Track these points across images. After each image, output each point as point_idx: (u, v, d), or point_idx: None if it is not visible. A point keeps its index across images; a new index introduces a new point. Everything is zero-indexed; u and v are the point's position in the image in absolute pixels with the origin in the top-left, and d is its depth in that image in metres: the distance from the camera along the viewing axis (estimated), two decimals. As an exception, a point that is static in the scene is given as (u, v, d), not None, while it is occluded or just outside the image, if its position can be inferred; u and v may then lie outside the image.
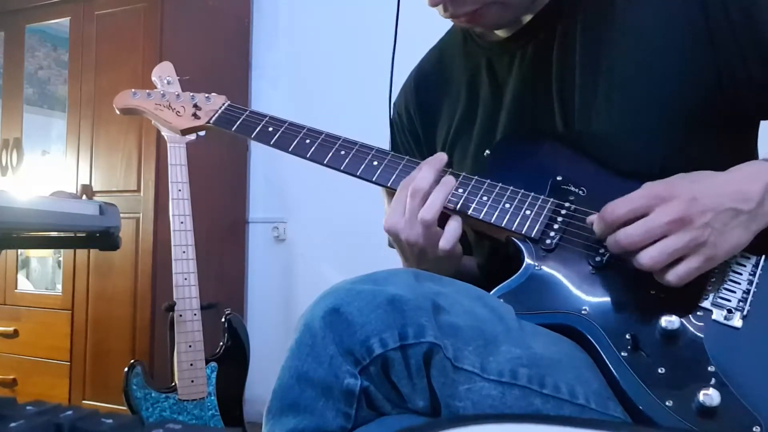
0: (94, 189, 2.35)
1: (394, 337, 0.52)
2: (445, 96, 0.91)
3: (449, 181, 0.72)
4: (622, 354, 0.59)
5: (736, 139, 0.77)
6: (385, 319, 0.53)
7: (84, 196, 2.28)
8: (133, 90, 0.94)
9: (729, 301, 0.60)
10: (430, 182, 0.71)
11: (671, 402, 0.55)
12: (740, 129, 0.77)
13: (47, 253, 2.72)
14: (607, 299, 0.63)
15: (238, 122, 0.86)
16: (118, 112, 0.95)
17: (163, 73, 1.65)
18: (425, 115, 0.93)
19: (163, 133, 1.83)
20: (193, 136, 1.83)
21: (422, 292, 0.56)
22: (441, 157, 0.74)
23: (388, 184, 0.76)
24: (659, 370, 0.57)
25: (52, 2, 2.50)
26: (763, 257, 0.62)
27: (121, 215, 1.33)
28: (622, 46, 0.74)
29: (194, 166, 1.86)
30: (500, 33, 0.84)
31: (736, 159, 0.74)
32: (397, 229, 0.72)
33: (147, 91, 0.94)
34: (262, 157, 2.66)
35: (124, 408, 1.71)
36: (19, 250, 2.54)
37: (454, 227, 0.71)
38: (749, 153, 0.79)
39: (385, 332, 0.52)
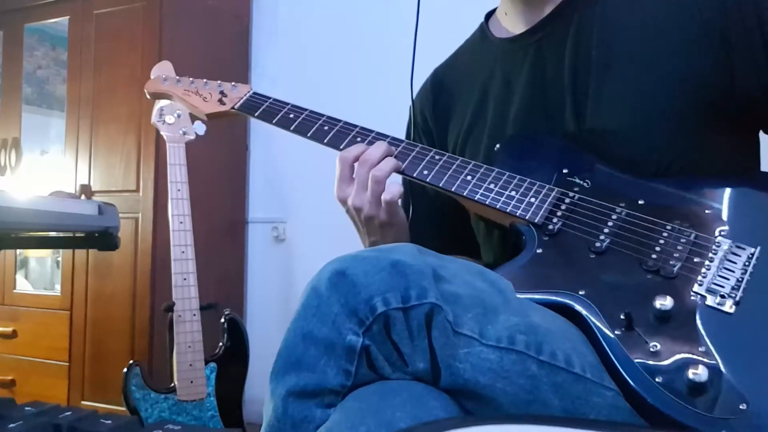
0: (92, 189, 2.35)
1: (397, 297, 0.54)
2: (459, 96, 0.92)
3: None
4: (616, 332, 0.60)
5: (742, 140, 0.78)
6: (389, 281, 0.54)
7: (83, 196, 2.28)
8: (163, 76, 1.02)
9: (722, 287, 0.62)
10: (380, 154, 0.78)
11: (661, 378, 0.56)
12: (747, 131, 0.78)
13: (46, 253, 2.72)
14: (605, 282, 0.65)
15: (261, 108, 0.91)
16: (148, 96, 1.04)
17: (162, 73, 1.64)
18: (439, 115, 0.95)
19: (162, 133, 1.83)
20: (192, 136, 1.84)
21: (424, 261, 0.58)
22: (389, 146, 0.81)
23: (402, 169, 0.80)
24: (651, 349, 0.58)
25: (50, 1, 2.50)
26: (758, 248, 0.64)
27: (120, 215, 1.33)
28: (638, 43, 0.75)
29: (194, 166, 1.86)
30: (515, 29, 0.85)
31: (740, 158, 0.78)
32: (345, 195, 0.79)
33: (177, 77, 1.01)
34: (261, 157, 2.66)
35: (123, 409, 1.71)
36: (18, 250, 2.53)
37: (396, 186, 0.78)
38: (752, 153, 0.80)
39: (388, 293, 0.54)
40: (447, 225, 0.93)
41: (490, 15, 0.94)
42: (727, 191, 0.70)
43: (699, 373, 0.54)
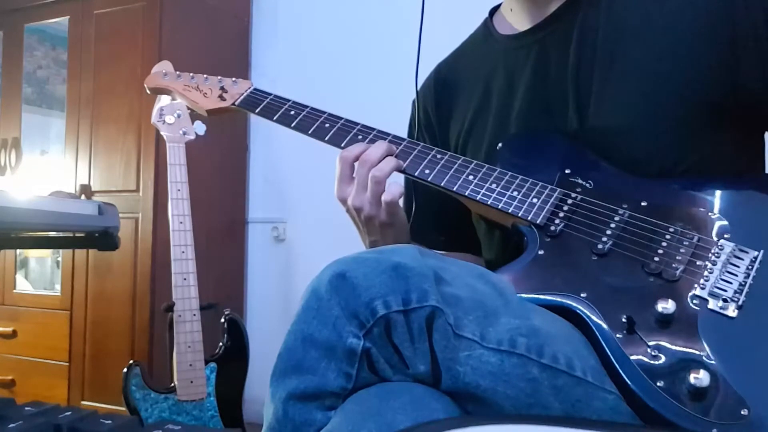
0: (92, 189, 2.35)
1: (398, 300, 0.53)
2: (462, 92, 0.92)
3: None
4: (617, 336, 0.60)
5: (746, 141, 0.78)
6: (389, 284, 0.54)
7: (83, 196, 2.28)
8: (164, 71, 1.00)
9: (725, 291, 0.61)
10: (380, 154, 0.77)
11: (662, 382, 0.56)
12: (752, 132, 0.78)
13: (46, 253, 2.72)
14: (607, 285, 0.64)
15: (262, 105, 0.90)
16: (148, 91, 1.02)
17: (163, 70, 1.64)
18: (442, 111, 0.94)
19: (162, 133, 1.82)
20: (192, 136, 1.83)
21: (425, 263, 0.57)
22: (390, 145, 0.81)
23: (403, 169, 0.80)
24: (653, 352, 0.58)
25: (50, 1, 2.50)
26: (761, 252, 0.64)
27: (120, 215, 1.32)
28: (642, 42, 0.75)
29: (194, 166, 1.85)
30: (519, 26, 0.85)
31: (744, 159, 0.77)
32: (345, 195, 0.79)
33: (177, 72, 0.99)
34: (261, 157, 2.66)
35: (123, 409, 1.71)
36: (18, 250, 2.53)
37: (397, 186, 0.78)
38: (757, 155, 0.80)
39: (389, 295, 0.53)
40: (449, 221, 0.92)
41: (494, 10, 0.93)
42: (731, 193, 0.69)
43: (700, 378, 0.54)
